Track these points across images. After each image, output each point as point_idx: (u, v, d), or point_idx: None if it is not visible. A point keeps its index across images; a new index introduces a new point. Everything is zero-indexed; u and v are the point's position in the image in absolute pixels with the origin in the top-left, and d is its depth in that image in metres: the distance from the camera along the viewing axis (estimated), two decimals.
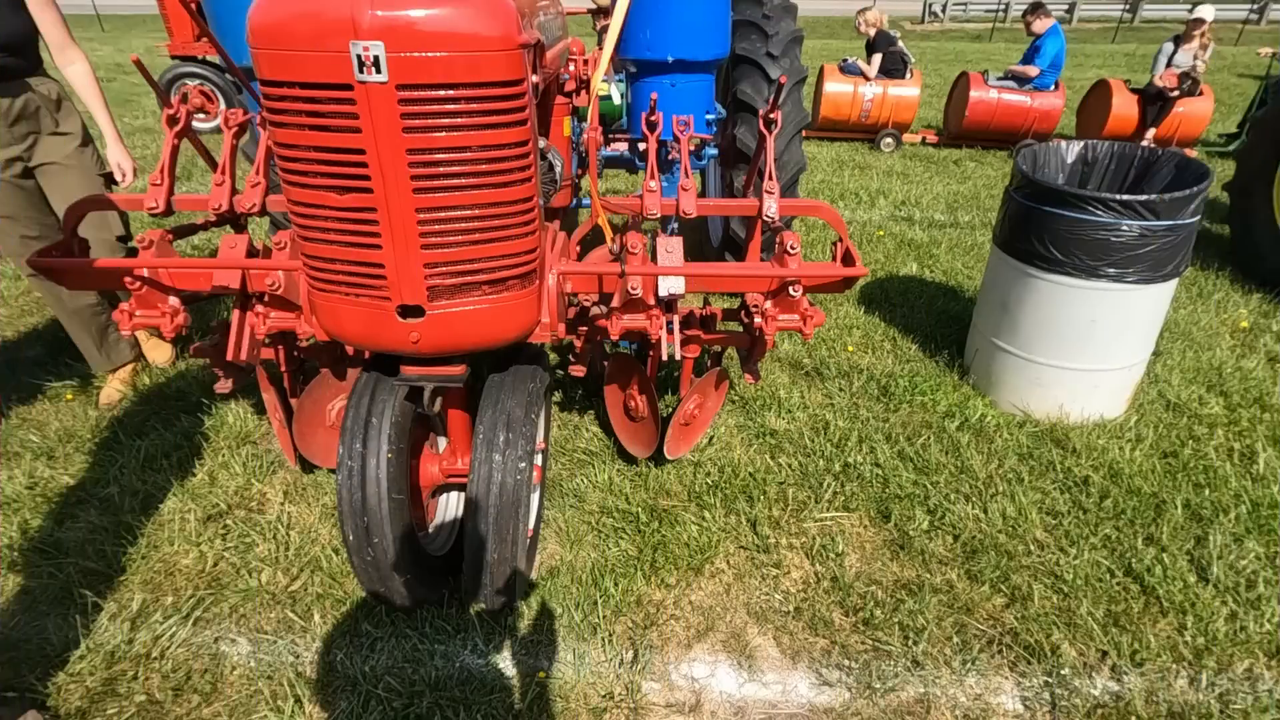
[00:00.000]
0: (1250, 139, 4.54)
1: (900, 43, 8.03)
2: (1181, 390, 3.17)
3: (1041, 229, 2.72)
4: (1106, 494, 2.55)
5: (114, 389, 3.06)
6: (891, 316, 3.90)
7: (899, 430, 2.91)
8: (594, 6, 3.33)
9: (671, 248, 1.98)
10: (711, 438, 2.86)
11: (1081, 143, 3.13)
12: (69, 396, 3.11)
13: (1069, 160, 3.14)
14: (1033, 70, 7.48)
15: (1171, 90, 7.11)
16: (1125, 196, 2.50)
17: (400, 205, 1.46)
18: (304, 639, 2.00)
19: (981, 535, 2.37)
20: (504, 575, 1.81)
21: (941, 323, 3.81)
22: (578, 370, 2.48)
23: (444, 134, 1.41)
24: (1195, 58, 7.23)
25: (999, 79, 7.63)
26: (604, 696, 1.86)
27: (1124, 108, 7.38)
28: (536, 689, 1.86)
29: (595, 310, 2.18)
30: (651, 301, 2.04)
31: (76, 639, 1.97)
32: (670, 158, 2.31)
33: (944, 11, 25.26)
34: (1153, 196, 2.49)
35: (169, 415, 2.96)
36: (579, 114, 2.68)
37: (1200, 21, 7.16)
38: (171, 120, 2.00)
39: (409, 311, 1.58)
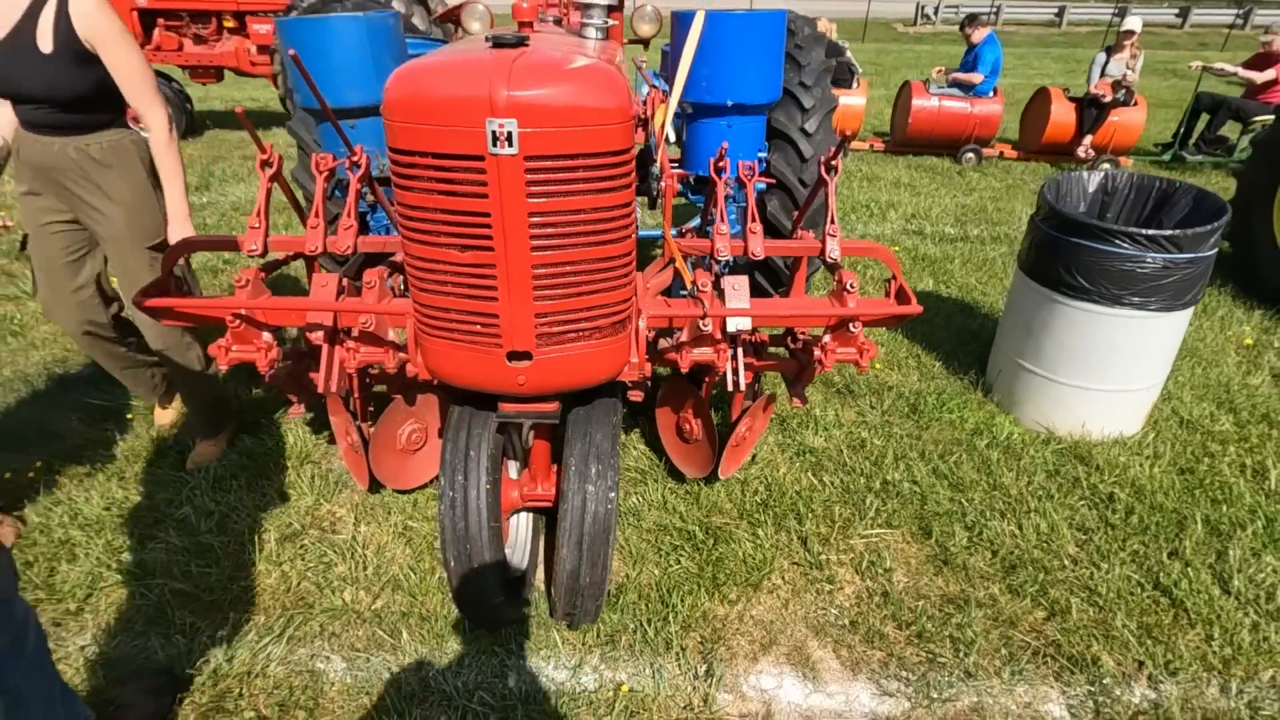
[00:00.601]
0: (1252, 158, 4.74)
1: (849, 53, 8.33)
2: (1193, 407, 3.35)
3: (1068, 258, 2.88)
4: (1131, 510, 2.71)
5: (169, 412, 3.13)
6: (913, 333, 4.05)
7: (931, 448, 3.07)
8: (635, 37, 3.44)
9: (738, 285, 2.11)
10: (755, 455, 3.00)
11: (1102, 173, 3.29)
12: (130, 416, 3.20)
13: (1090, 190, 3.31)
14: (977, 77, 7.82)
15: (1105, 99, 7.40)
16: (1151, 231, 2.66)
17: (518, 262, 1.58)
18: (395, 656, 2.12)
19: (1018, 551, 2.53)
20: (595, 597, 1.95)
21: (962, 339, 3.97)
22: (636, 395, 2.61)
23: (562, 198, 1.53)
24: (1126, 67, 7.56)
25: (940, 88, 7.91)
26: (684, 708, 2.00)
27: (1062, 115, 7.73)
28: (621, 701, 1.99)
29: (664, 343, 2.31)
30: (719, 336, 2.18)
31: (181, 658, 2.08)
32: (726, 194, 2.44)
33: (936, 14, 25.54)
34: (1176, 231, 2.65)
35: (230, 436, 3.05)
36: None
37: (1130, 33, 7.48)
38: (265, 165, 2.11)
39: (518, 356, 1.70)
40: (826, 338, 2.22)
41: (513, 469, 2.37)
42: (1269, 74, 7.28)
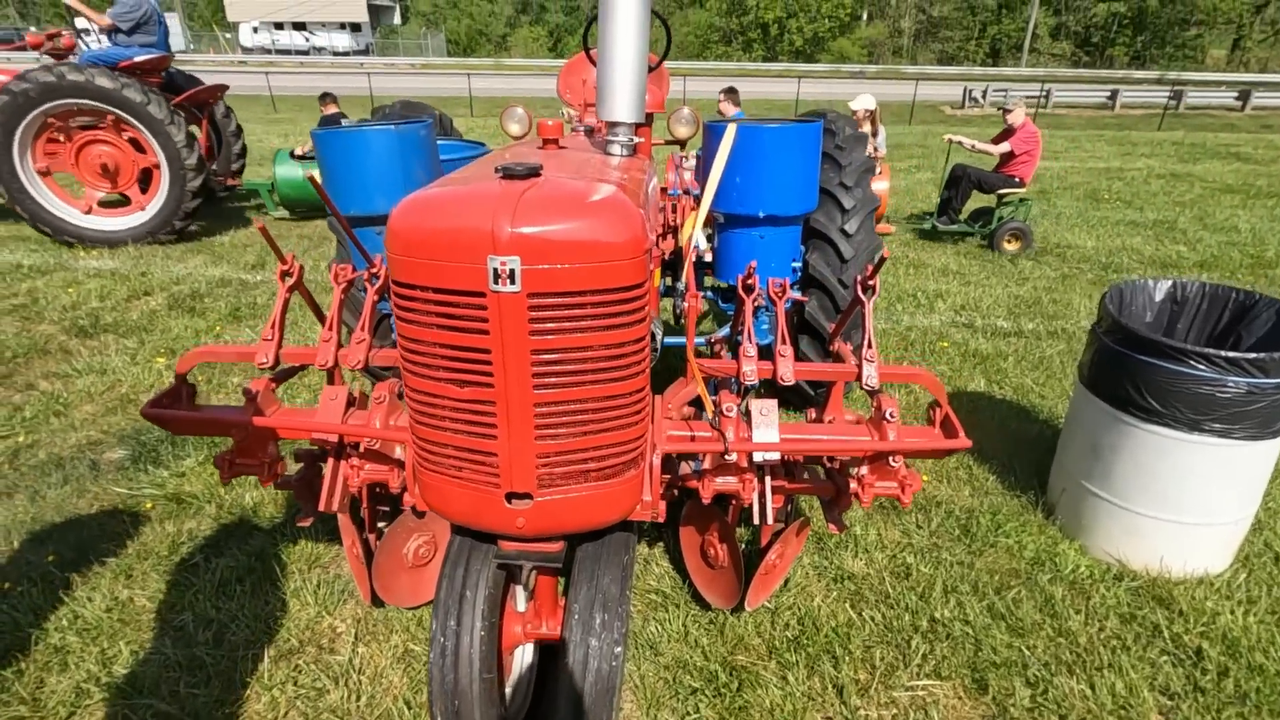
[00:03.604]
0: None
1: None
2: None
3: (1135, 376, 2.63)
4: (1225, 671, 2.35)
5: None
6: None
7: (986, 579, 2.77)
8: (672, 138, 3.44)
9: (766, 411, 1.96)
10: (788, 580, 2.75)
11: (1170, 281, 3.06)
12: (148, 506, 3.17)
13: (1157, 299, 3.07)
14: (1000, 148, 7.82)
15: None
16: (1231, 354, 2.41)
17: (519, 399, 1.46)
18: None
19: (1091, 717, 2.19)
20: None
21: (1018, 448, 3.68)
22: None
23: (567, 335, 1.43)
24: (871, 145, 7.88)
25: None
26: None
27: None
28: None
29: (685, 467, 2.15)
30: (745, 464, 2.01)
31: None
32: (757, 305, 2.32)
33: (984, 97, 25.72)
34: (1262, 355, 2.39)
35: (245, 532, 2.98)
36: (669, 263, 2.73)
37: (855, 112, 7.75)
38: (285, 275, 2.09)
39: (517, 497, 1.56)
40: (863, 469, 2.03)
41: (520, 597, 2.20)
42: (1004, 146, 7.49)
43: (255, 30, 53.37)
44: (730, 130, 2.17)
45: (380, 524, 2.54)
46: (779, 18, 49.52)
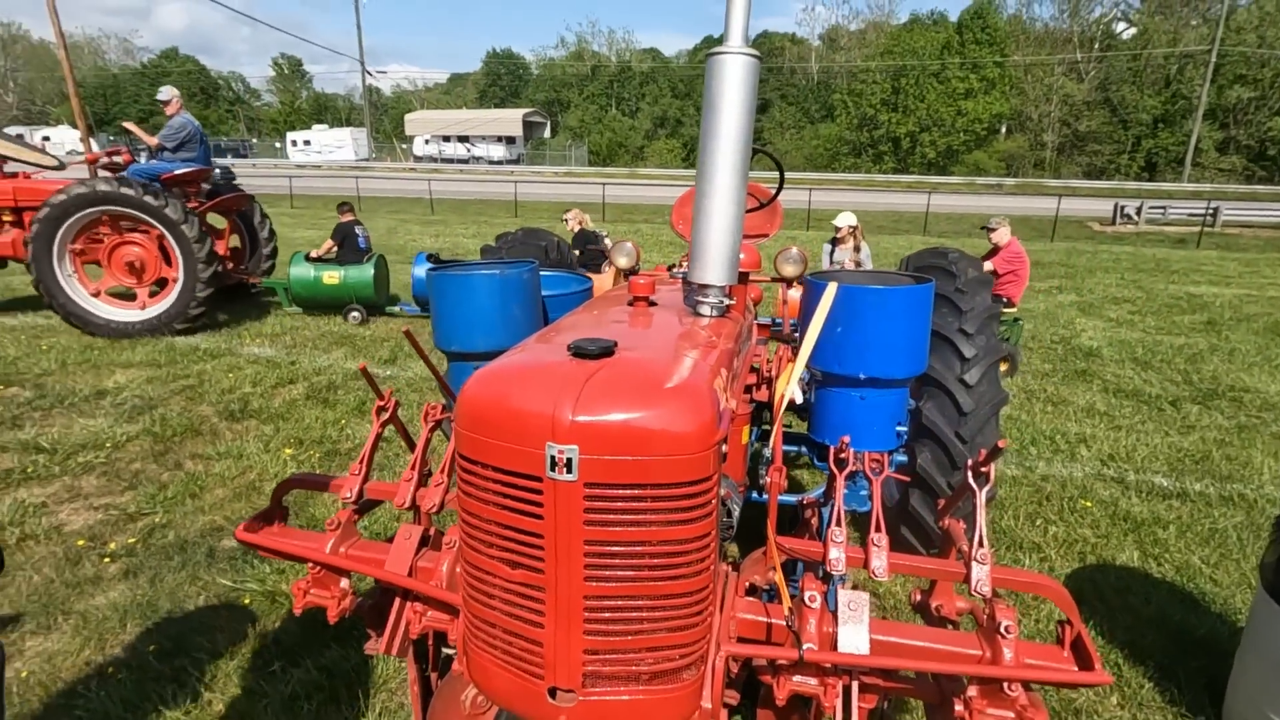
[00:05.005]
0: None
1: (606, 240, 8.58)
2: None
3: None
4: None
5: None
6: (1110, 629, 3.22)
7: None
8: (778, 276, 3.39)
9: (857, 604, 1.73)
10: None
11: None
12: (246, 600, 3.31)
13: None
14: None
15: None
16: None
17: (568, 589, 1.37)
18: None
19: None
20: None
21: (1181, 650, 3.07)
22: (731, 696, 2.19)
23: (623, 529, 1.33)
24: (849, 256, 7.85)
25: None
26: None
27: (794, 299, 7.16)
28: None
29: (757, 655, 1.93)
30: (828, 665, 1.77)
31: None
32: (851, 470, 2.12)
33: (1139, 214, 24.02)
34: None
35: (321, 642, 3.02)
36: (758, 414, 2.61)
37: (838, 228, 7.91)
38: (380, 411, 2.17)
39: (562, 692, 1.44)
40: (972, 690, 1.72)
41: None
42: (986, 265, 7.24)
43: (426, 142, 60.96)
44: (830, 289, 2.07)
45: (447, 649, 2.47)
46: (911, 132, 49.80)
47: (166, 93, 8.52)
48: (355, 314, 8.88)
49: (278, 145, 62.98)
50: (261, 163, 52.95)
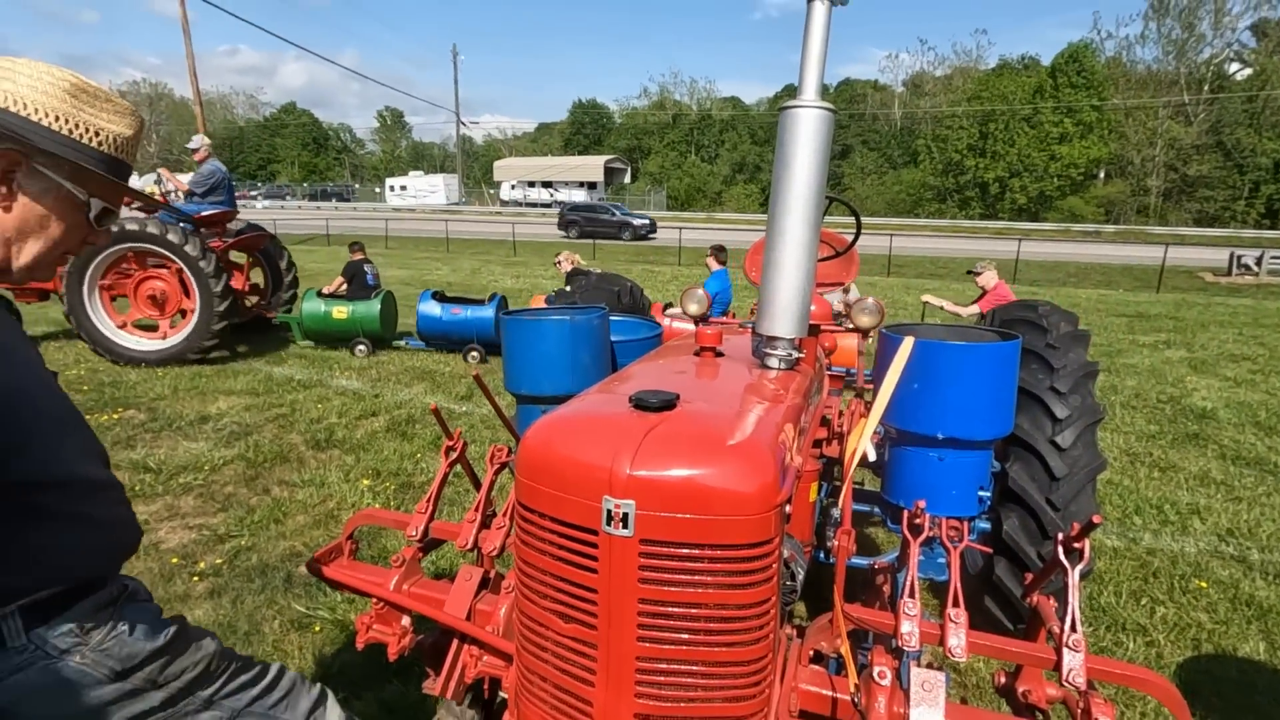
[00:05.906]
0: None
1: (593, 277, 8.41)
2: None
3: None
4: None
5: None
6: None
7: None
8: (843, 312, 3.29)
9: (931, 684, 1.60)
10: None
11: None
12: (317, 629, 3.41)
13: None
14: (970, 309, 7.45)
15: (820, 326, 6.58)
16: None
17: (620, 648, 1.33)
18: None
19: None
20: None
21: None
22: None
23: (679, 589, 1.29)
24: (840, 298, 7.25)
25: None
26: None
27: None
28: None
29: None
30: None
31: None
32: (928, 536, 1.99)
33: (1259, 264, 22.15)
34: None
35: (384, 675, 3.06)
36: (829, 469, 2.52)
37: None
38: (449, 451, 2.22)
39: None
40: None
41: None
42: (973, 309, 7.34)
43: (513, 187, 63.82)
44: (906, 344, 1.99)
45: (504, 692, 2.45)
46: (1000, 177, 48.19)
47: (197, 141, 9.14)
48: (361, 348, 9.22)
49: (377, 190, 67.50)
50: (362, 206, 56.79)
